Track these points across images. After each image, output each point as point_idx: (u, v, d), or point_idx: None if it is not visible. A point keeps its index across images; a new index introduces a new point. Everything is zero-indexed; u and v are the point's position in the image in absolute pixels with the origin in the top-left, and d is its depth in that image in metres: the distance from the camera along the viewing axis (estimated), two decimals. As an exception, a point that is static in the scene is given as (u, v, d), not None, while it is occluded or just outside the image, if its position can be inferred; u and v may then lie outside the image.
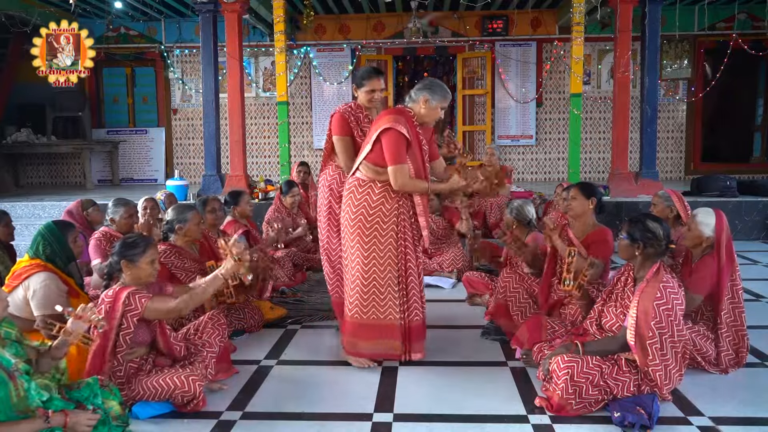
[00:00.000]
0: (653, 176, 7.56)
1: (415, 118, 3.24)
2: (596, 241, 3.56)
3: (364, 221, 3.21)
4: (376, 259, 3.21)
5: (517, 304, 3.78)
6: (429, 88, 3.22)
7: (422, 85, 3.27)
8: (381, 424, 2.68)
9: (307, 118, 10.23)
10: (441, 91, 3.23)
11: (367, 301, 3.23)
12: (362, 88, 3.54)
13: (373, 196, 3.21)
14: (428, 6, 8.98)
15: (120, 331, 2.74)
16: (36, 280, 3.14)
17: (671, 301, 2.71)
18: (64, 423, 2.23)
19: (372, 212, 3.20)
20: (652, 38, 7.43)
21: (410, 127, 3.18)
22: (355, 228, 3.23)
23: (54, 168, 10.44)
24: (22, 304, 3.15)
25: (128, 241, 2.90)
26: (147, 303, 2.76)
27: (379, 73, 3.55)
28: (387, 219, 3.21)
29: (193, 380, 2.75)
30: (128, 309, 2.73)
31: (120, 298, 2.74)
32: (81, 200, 4.71)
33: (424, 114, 3.24)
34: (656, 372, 2.70)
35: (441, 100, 3.23)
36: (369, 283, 3.22)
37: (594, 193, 3.66)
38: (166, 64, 10.02)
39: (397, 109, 3.28)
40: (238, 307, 3.89)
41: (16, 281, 3.19)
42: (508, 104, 10.05)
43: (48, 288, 3.13)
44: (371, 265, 3.22)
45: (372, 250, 3.21)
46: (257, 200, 7.30)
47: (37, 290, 3.11)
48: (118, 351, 2.76)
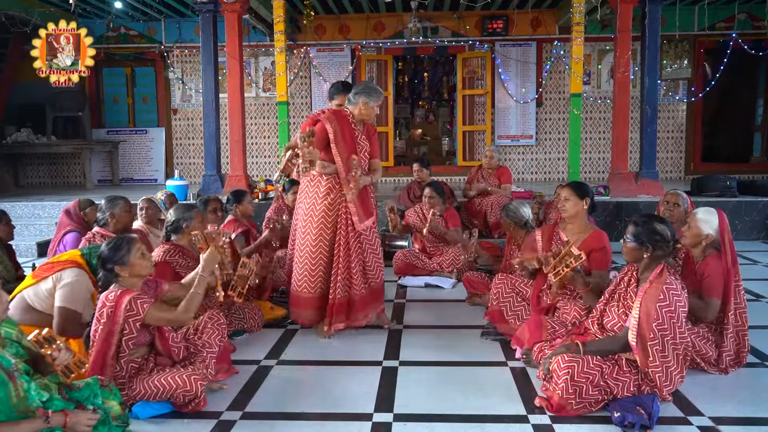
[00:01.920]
0: (653, 176, 7.56)
1: (351, 117, 3.81)
2: (596, 248, 3.51)
3: (314, 210, 3.79)
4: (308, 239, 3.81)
5: (511, 309, 3.78)
6: (366, 92, 3.78)
7: (359, 89, 3.82)
8: (381, 424, 2.68)
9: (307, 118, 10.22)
10: (376, 94, 3.80)
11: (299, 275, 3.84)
12: (333, 101, 4.27)
13: (319, 190, 3.80)
14: (428, 6, 8.98)
15: (123, 336, 2.74)
16: (70, 273, 3.20)
17: (674, 302, 2.70)
18: (64, 423, 2.22)
19: (320, 202, 3.78)
20: (652, 38, 7.43)
21: (342, 124, 3.76)
22: (307, 216, 3.82)
23: (54, 168, 10.45)
24: (45, 296, 3.18)
25: (110, 246, 2.87)
26: (149, 308, 2.76)
27: (348, 89, 4.15)
28: (331, 208, 3.78)
29: (195, 379, 2.75)
30: (130, 314, 2.73)
31: (122, 303, 2.73)
32: (79, 200, 4.71)
33: (363, 113, 3.80)
34: (656, 373, 2.69)
35: (376, 101, 3.80)
36: (302, 260, 3.83)
37: (587, 193, 3.64)
38: (166, 64, 10.02)
39: (335, 110, 3.88)
40: (238, 307, 3.90)
41: (48, 272, 3.22)
42: (508, 104, 10.05)
43: (79, 284, 3.17)
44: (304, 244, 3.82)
45: (306, 233, 3.81)
46: (257, 200, 7.30)
47: (68, 283, 3.16)
48: (120, 356, 2.76)
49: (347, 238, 3.78)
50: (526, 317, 3.64)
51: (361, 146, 3.83)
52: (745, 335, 3.20)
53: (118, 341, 2.74)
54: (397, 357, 3.51)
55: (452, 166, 10.58)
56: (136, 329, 2.76)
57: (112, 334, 2.72)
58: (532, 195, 7.03)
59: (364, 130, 3.87)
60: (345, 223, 3.78)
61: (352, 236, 3.79)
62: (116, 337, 2.73)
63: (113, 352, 2.73)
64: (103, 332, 2.72)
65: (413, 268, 5.47)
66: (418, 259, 5.52)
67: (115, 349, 2.73)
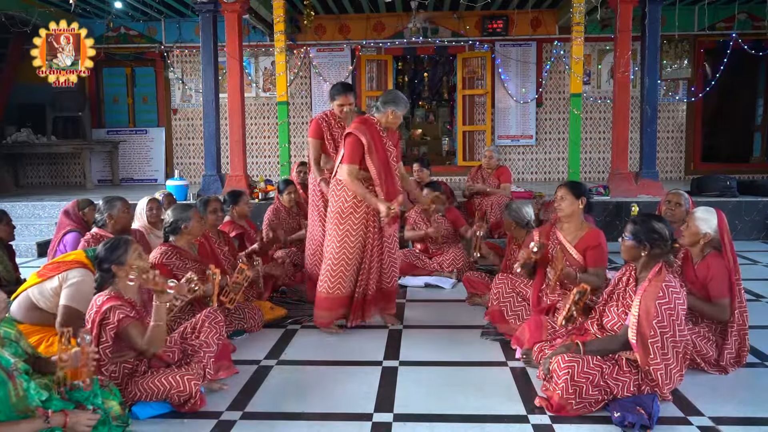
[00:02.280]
0: (653, 176, 7.55)
1: (379, 125, 3.87)
2: (592, 246, 3.54)
3: (341, 214, 3.86)
4: (346, 244, 3.86)
5: (512, 309, 3.79)
6: (394, 102, 3.85)
7: (387, 98, 3.89)
8: (381, 424, 2.68)
9: (307, 118, 10.23)
10: (403, 103, 3.88)
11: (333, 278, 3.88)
12: (334, 102, 4.39)
13: (347, 194, 3.85)
14: (428, 6, 8.98)
15: (100, 344, 2.68)
16: (76, 273, 3.23)
17: (673, 300, 2.70)
18: (64, 423, 2.22)
19: (346, 207, 3.85)
20: (652, 38, 7.43)
21: (373, 133, 3.82)
22: (333, 219, 3.89)
23: (54, 168, 10.45)
24: (51, 295, 3.20)
25: (107, 246, 2.87)
26: (127, 325, 2.71)
27: (349, 90, 4.39)
28: (357, 213, 3.85)
29: (189, 380, 2.73)
30: (105, 322, 2.68)
31: (101, 310, 2.70)
32: (77, 200, 4.71)
33: (391, 121, 3.88)
34: (657, 371, 2.69)
35: (403, 110, 3.89)
36: (337, 263, 3.87)
37: (583, 192, 3.65)
38: (166, 64, 10.02)
39: (362, 118, 3.91)
40: (238, 307, 3.89)
41: (54, 272, 3.24)
42: (508, 104, 10.05)
43: (85, 284, 3.18)
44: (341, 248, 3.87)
45: (343, 238, 3.86)
46: (257, 200, 7.30)
47: (74, 282, 3.19)
48: (101, 364, 2.69)
49: (380, 239, 3.93)
50: (526, 317, 3.64)
51: (390, 152, 3.92)
52: (746, 334, 3.20)
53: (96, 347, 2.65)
54: (397, 357, 3.51)
55: (452, 166, 10.57)
56: (111, 338, 2.70)
57: (95, 338, 2.68)
58: (532, 195, 7.03)
59: (388, 136, 3.95)
60: (375, 225, 3.89)
61: (378, 237, 3.92)
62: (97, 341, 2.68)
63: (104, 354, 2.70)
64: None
65: (413, 268, 5.47)
66: (418, 259, 5.52)
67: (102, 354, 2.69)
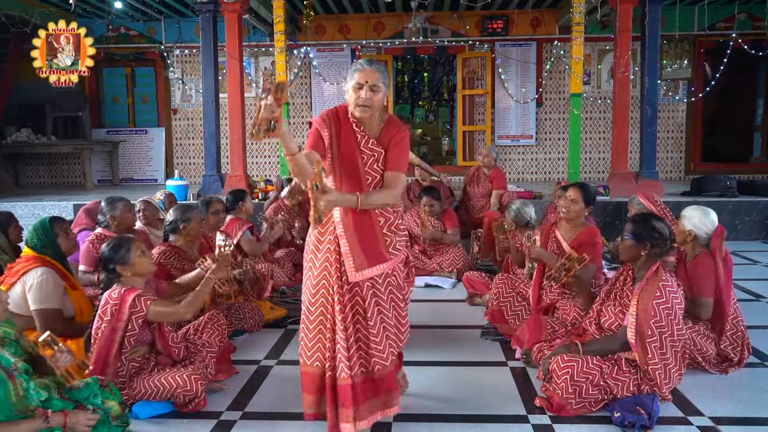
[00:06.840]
0: (653, 176, 7.55)
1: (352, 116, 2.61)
2: (585, 243, 3.56)
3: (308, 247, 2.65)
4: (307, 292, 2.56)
5: (511, 309, 3.79)
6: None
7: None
8: (381, 424, 2.67)
9: (307, 118, 10.23)
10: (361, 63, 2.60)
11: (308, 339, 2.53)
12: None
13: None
14: (428, 6, 8.98)
15: (126, 333, 2.75)
16: (33, 274, 3.15)
17: (671, 300, 2.71)
18: (64, 423, 2.22)
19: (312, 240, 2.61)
20: (652, 38, 7.43)
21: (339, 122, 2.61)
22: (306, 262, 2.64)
23: (54, 168, 10.44)
24: (21, 301, 3.15)
25: (110, 246, 2.90)
26: (150, 305, 2.77)
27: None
28: (321, 248, 2.57)
29: (195, 379, 2.76)
30: (134, 311, 2.75)
31: (126, 300, 2.75)
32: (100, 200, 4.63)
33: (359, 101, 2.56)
34: (656, 371, 2.70)
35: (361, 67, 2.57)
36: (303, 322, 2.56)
37: (593, 200, 3.67)
38: (166, 64, 10.01)
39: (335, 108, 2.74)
40: (238, 307, 3.90)
41: (13, 278, 3.19)
42: (508, 104, 10.05)
43: (46, 281, 3.14)
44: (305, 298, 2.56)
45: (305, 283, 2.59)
46: (257, 200, 7.31)
47: (34, 285, 3.12)
48: (123, 353, 2.77)
49: (341, 293, 2.46)
50: (526, 317, 3.64)
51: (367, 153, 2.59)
52: (745, 340, 3.21)
53: (121, 338, 2.74)
54: (397, 357, 3.50)
55: (452, 166, 10.57)
56: (139, 326, 2.77)
57: (116, 331, 2.73)
58: (532, 195, 7.03)
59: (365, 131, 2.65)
60: (336, 270, 2.48)
61: (347, 290, 2.47)
62: (119, 334, 2.74)
63: (116, 350, 2.74)
64: (106, 330, 2.73)
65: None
66: (417, 260, 5.52)
67: (117, 347, 2.74)
